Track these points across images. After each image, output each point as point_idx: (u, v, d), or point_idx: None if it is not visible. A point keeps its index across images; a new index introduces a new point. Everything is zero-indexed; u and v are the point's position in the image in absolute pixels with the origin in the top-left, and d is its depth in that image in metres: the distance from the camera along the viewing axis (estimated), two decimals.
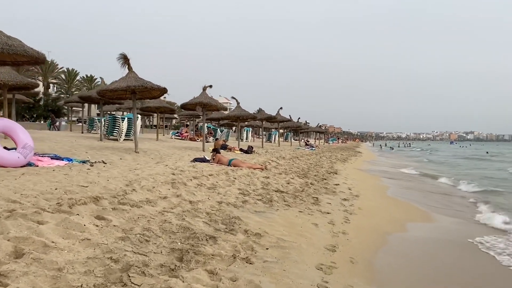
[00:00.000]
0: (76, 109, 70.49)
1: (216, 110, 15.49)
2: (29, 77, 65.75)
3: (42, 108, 45.42)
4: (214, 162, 10.31)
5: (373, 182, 12.96)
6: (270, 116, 22.43)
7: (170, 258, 3.29)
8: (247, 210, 5.47)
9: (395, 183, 13.31)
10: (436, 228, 6.76)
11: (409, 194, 10.75)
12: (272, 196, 6.73)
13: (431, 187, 12.88)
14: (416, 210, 8.17)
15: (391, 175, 16.71)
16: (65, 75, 70.83)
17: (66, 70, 71.02)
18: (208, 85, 14.73)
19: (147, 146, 14.23)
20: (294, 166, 12.80)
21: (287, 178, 9.31)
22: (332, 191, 8.69)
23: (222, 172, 8.51)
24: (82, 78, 72.42)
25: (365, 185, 11.41)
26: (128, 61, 10.46)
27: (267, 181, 8.26)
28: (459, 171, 22.17)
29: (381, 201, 8.88)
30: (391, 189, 11.28)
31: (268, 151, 19.50)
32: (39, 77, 65.30)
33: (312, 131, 43.47)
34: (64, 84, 71.30)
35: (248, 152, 16.46)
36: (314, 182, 9.61)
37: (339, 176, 12.28)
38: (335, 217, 6.07)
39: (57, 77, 70.28)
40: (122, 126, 16.64)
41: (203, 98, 14.18)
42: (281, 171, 10.74)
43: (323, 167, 14.75)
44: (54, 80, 71.55)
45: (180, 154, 11.90)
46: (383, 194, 9.99)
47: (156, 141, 19.05)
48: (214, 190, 6.40)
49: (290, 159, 15.33)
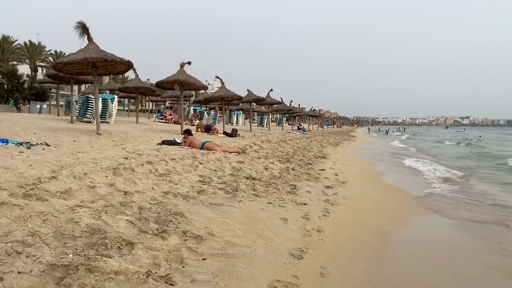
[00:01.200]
0: (65, 93, 69.03)
1: (196, 89, 14.29)
2: (15, 60, 63.64)
3: (26, 91, 43.84)
4: (185, 145, 9.21)
5: (365, 167, 11.90)
6: (258, 97, 21.22)
7: (42, 281, 2.20)
8: (200, 203, 4.38)
9: (392, 169, 12.22)
10: (444, 224, 5.73)
11: (410, 181, 9.62)
12: (239, 184, 5.64)
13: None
14: (416, 201, 7.12)
15: (389, 161, 15.67)
16: (53, 58, 68.60)
17: (54, 53, 68.75)
18: (186, 62, 13.49)
19: (118, 128, 13.07)
20: (278, 150, 11.71)
21: (266, 163, 8.22)
22: (316, 177, 7.61)
23: (188, 156, 7.41)
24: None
25: (355, 171, 10.36)
26: (87, 31, 9.21)
27: (240, 166, 7.16)
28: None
29: (372, 188, 7.81)
30: (386, 175, 10.19)
31: (256, 135, 18.39)
32: (25, 60, 63.42)
33: (305, 115, 42.28)
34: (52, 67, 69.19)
35: (232, 135, 15.34)
36: (297, 167, 8.53)
37: (327, 161, 11.21)
38: (312, 209, 5.01)
39: (45, 60, 68.15)
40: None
41: (180, 75, 12.95)
42: (262, 155, 9.65)
43: (311, 151, 13.68)
44: (42, 63, 69.44)
45: (150, 137, 10.76)
46: (376, 181, 8.92)
47: (135, 124, 17.86)
48: (165, 178, 5.30)
49: (276, 143, 14.24)
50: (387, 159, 16.15)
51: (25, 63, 64.80)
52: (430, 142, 40.36)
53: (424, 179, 9.84)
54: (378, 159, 15.60)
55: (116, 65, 9.67)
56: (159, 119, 22.61)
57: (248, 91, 21.51)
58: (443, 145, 33.81)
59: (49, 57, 66.88)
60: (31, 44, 62.79)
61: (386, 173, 10.49)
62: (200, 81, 13.49)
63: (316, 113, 45.59)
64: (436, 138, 53.85)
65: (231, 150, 9.07)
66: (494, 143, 37.70)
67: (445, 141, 41.40)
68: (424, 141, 41.46)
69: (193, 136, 9.38)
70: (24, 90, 43.84)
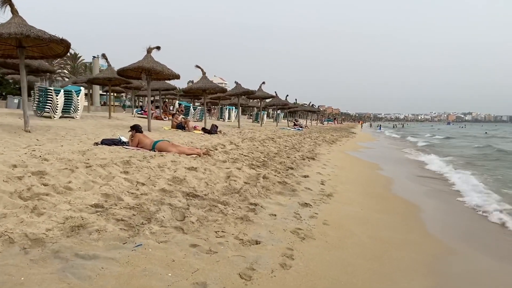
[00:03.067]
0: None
1: (165, 78, 12.38)
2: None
3: (11, 85, 41.85)
4: (132, 145, 7.30)
5: (366, 171, 9.93)
6: (247, 90, 19.23)
7: None
8: (50, 256, 2.47)
9: (405, 173, 10.14)
10: None
11: (426, 193, 7.48)
12: (161, 208, 3.72)
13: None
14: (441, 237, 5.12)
15: (398, 162, 13.65)
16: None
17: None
18: (155, 47, 11.55)
19: (72, 124, 11.16)
20: (257, 150, 9.77)
21: (231, 169, 6.31)
22: (292, 189, 5.68)
23: (122, 160, 5.50)
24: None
25: (350, 177, 8.43)
26: (9, 1, 7.29)
27: (185, 176, 5.24)
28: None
29: (372, 205, 5.84)
30: (397, 183, 8.10)
31: (242, 132, 16.45)
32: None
33: (302, 110, 40.25)
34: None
35: (211, 132, 13.41)
36: (272, 174, 6.61)
37: (315, 164, 9.27)
38: (265, 254, 3.10)
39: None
40: (57, 100, 13.49)
41: (145, 61, 11.02)
42: (231, 157, 7.72)
43: (299, 150, 11.74)
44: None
45: (99, 135, 8.83)
46: (378, 193, 6.91)
47: (106, 120, 15.96)
48: (33, 201, 3.37)
49: (260, 141, 12.31)
50: (397, 160, 14.09)
51: None
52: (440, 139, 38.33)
53: (456, 192, 7.50)
54: (384, 160, 13.54)
55: (51, 45, 7.74)
56: (139, 114, 20.71)
57: (236, 83, 19.53)
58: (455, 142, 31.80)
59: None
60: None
61: (395, 180, 8.46)
62: (170, 69, 11.54)
63: (314, 109, 43.52)
64: (445, 134, 51.68)
65: (190, 151, 7.14)
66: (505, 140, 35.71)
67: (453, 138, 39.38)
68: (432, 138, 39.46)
69: (143, 134, 7.45)
70: (9, 85, 41.71)
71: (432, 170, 11.07)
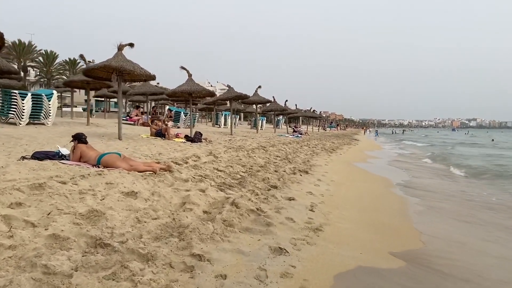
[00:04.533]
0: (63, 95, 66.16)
1: (138, 79, 10.94)
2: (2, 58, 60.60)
3: None
4: (73, 159, 5.79)
5: (370, 189, 8.34)
6: (239, 94, 17.73)
7: None
8: None
9: (427, 187, 8.61)
10: None
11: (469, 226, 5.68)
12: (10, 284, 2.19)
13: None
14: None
15: (414, 175, 12.01)
16: (43, 57, 65.64)
17: (44, 53, 65.71)
18: (127, 43, 10.09)
19: (27, 131, 9.71)
20: (239, 163, 8.24)
21: (191, 192, 4.81)
22: (266, 222, 4.15)
23: (35, 183, 3.99)
24: (64, 61, 66.98)
25: (349, 196, 6.89)
26: None
27: (110, 207, 3.72)
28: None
29: (383, 245, 4.26)
30: (415, 207, 6.43)
31: (232, 139, 14.95)
32: (14, 60, 60.47)
33: (302, 116, 38.68)
34: (43, 67, 66.23)
35: (194, 140, 11.93)
36: (247, 196, 5.09)
37: (308, 179, 7.74)
38: None
39: (35, 60, 65.32)
40: (23, 104, 12.06)
41: (114, 60, 9.56)
42: (199, 174, 6.19)
43: (292, 161, 10.21)
44: (32, 63, 66.64)
45: (44, 145, 7.35)
46: (394, 224, 5.23)
47: (81, 126, 14.52)
48: None
49: (248, 151, 10.80)
50: (412, 172, 12.43)
51: (13, 63, 61.98)
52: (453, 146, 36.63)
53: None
54: (396, 172, 11.89)
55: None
56: (124, 120, 19.24)
57: (228, 87, 18.07)
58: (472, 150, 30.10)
59: (39, 56, 64.09)
60: (20, 43, 60.03)
61: (414, 203, 6.83)
62: (144, 69, 10.06)
63: (316, 114, 41.91)
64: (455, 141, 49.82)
65: (144, 167, 5.63)
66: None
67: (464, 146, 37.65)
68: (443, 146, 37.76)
69: (88, 145, 5.94)
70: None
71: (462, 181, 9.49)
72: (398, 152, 24.10)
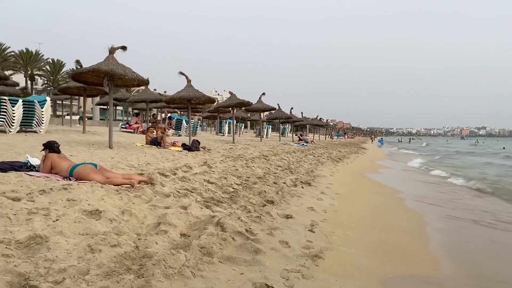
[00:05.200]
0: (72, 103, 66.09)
1: (130, 84, 10.33)
2: (9, 67, 60.37)
3: None
4: (43, 170, 5.15)
5: (380, 202, 7.59)
6: (242, 101, 17.11)
7: None
8: None
9: (444, 201, 7.76)
10: None
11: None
12: None
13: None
14: None
15: (429, 187, 11.17)
16: (50, 66, 65.84)
17: (51, 61, 65.86)
18: (119, 46, 9.51)
19: (14, 139, 9.14)
20: (235, 174, 7.54)
21: (170, 210, 4.13)
22: (254, 248, 3.43)
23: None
24: (71, 69, 66.80)
25: (355, 212, 6.15)
26: None
27: (60, 231, 3.04)
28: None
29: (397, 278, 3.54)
30: (433, 224, 5.69)
31: (233, 148, 14.29)
32: (21, 69, 60.62)
33: (308, 124, 37.91)
34: (50, 76, 66.42)
35: (191, 149, 11.28)
36: (236, 214, 4.40)
37: (310, 192, 7.01)
38: None
39: (42, 68, 65.50)
40: (13, 112, 11.53)
41: (104, 64, 8.97)
42: (184, 188, 5.51)
43: (295, 172, 9.49)
44: (39, 72, 66.84)
45: (19, 154, 6.73)
46: (409, 247, 4.43)
47: (79, 134, 13.96)
48: None
49: (248, 160, 10.11)
50: (427, 183, 11.64)
51: (20, 72, 62.18)
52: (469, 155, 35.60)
53: None
54: (409, 183, 11.07)
55: None
56: (123, 128, 18.72)
57: (231, 94, 17.47)
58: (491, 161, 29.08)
59: (46, 65, 64.26)
60: (27, 52, 60.25)
61: (431, 219, 6.11)
62: (136, 73, 9.46)
63: (322, 122, 41.15)
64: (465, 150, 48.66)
65: (121, 180, 4.96)
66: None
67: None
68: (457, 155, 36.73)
69: (60, 155, 5.31)
70: None
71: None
72: (406, 163, 23.24)
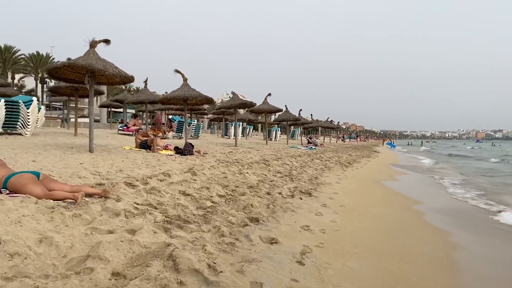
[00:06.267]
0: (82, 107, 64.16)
1: (117, 83, 9.37)
2: (19, 71, 59.37)
3: None
4: None
5: (395, 217, 6.48)
6: (245, 102, 16.08)
7: None
8: None
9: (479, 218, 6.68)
10: None
11: None
12: None
13: None
14: None
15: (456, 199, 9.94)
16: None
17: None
18: (101, 40, 8.60)
19: None
20: (221, 183, 6.50)
21: (107, 239, 3.12)
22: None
23: None
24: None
25: (362, 232, 5.07)
26: None
27: None
28: None
29: None
30: (471, 250, 4.67)
31: (232, 152, 13.28)
32: (31, 72, 60.47)
33: (318, 126, 36.67)
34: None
35: (184, 153, 10.31)
36: (203, 240, 3.37)
37: (309, 204, 5.92)
38: None
39: None
40: None
41: (82, 58, 8.05)
42: (148, 202, 4.50)
43: (295, 179, 8.41)
44: None
45: None
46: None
47: (71, 137, 13.12)
48: None
49: (243, 166, 9.09)
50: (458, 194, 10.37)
51: (30, 75, 62.13)
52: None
53: None
54: (429, 193, 9.84)
55: None
56: (121, 131, 17.90)
57: (233, 94, 16.48)
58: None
59: None
60: (38, 55, 59.97)
61: (467, 242, 4.99)
62: (119, 68, 8.52)
63: (333, 125, 39.84)
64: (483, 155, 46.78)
65: (65, 194, 3.97)
66: None
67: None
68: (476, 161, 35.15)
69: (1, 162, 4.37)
70: None
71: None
72: (424, 168, 21.90)
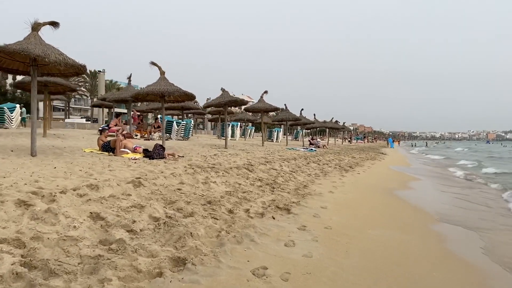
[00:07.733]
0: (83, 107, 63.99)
1: (71, 74, 7.85)
2: None
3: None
4: None
5: (400, 242, 4.92)
6: (235, 100, 14.55)
7: None
8: None
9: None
10: None
11: None
12: None
13: None
14: None
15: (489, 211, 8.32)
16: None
17: None
18: (47, 22, 7.17)
19: None
20: (165, 198, 5.00)
21: None
22: None
23: None
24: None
25: (350, 275, 3.55)
26: None
27: None
28: None
29: None
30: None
31: (216, 155, 11.80)
32: None
33: (320, 127, 35.01)
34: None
35: (153, 157, 8.86)
36: None
37: (283, 225, 4.39)
38: None
39: None
40: None
41: (17, 43, 6.62)
42: (7, 238, 3.02)
43: (277, 189, 6.87)
44: None
45: None
46: None
47: (40, 138, 11.75)
48: None
49: (219, 171, 7.59)
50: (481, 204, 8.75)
51: None
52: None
53: None
54: (451, 205, 8.15)
55: None
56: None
57: (223, 91, 14.99)
58: None
59: None
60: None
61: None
62: (65, 55, 7.09)
63: (338, 125, 38.09)
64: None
65: None
66: None
67: None
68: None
69: None
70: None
71: None
72: (434, 171, 20.18)
